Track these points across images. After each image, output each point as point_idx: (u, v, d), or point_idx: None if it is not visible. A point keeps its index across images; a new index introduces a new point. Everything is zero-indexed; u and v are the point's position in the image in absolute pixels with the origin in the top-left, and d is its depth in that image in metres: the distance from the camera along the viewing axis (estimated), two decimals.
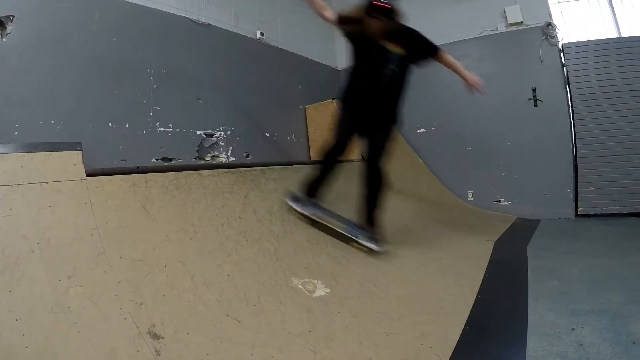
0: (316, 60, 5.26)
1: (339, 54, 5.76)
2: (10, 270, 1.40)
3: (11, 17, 2.42)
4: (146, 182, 2.10)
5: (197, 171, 2.46)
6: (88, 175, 1.87)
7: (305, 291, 1.91)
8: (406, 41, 2.38)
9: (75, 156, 1.89)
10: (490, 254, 2.90)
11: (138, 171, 2.15)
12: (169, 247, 1.82)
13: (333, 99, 4.55)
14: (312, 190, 2.60)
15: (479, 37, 4.78)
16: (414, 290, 2.14)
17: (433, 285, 2.22)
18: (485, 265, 2.63)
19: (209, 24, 3.68)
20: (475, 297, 2.09)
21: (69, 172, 1.82)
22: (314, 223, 2.60)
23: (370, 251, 2.43)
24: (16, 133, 2.38)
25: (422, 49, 2.47)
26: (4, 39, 2.39)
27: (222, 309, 1.60)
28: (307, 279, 2.01)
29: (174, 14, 3.40)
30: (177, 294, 1.61)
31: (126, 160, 2.90)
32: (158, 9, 3.27)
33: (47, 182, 1.73)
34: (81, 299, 1.44)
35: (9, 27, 2.41)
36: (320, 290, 1.95)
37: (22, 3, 2.48)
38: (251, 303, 1.70)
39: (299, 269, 2.08)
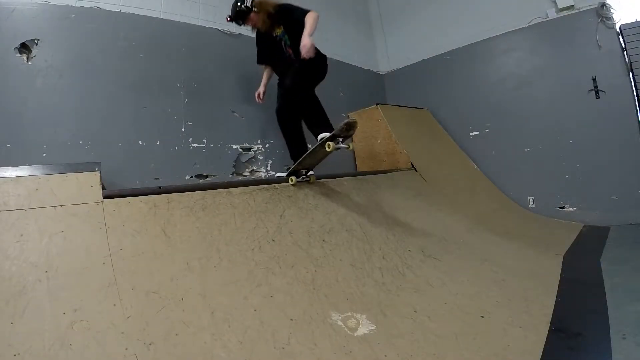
0: (357, 65, 5.05)
1: (380, 58, 5.54)
2: (14, 300, 1.28)
3: (36, 41, 2.46)
4: (169, 202, 1.92)
5: (226, 189, 2.25)
6: (105, 197, 1.73)
7: (346, 328, 1.61)
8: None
9: (93, 177, 1.76)
10: (560, 271, 2.50)
11: (160, 191, 1.97)
12: (188, 277, 1.61)
13: (377, 104, 4.31)
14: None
15: (528, 26, 4.36)
16: (474, 322, 1.79)
17: (497, 316, 1.86)
18: (556, 286, 2.24)
19: (239, 34, 3.55)
20: (548, 329, 1.73)
21: (84, 195, 1.68)
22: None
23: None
24: (44, 155, 2.35)
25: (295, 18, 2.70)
26: (30, 63, 2.41)
27: (244, 352, 1.35)
28: (349, 313, 1.71)
29: (204, 26, 3.33)
30: (192, 333, 1.38)
31: (158, 178, 2.80)
32: (186, 22, 3.21)
33: (61, 206, 1.60)
34: (85, 335, 1.27)
35: (34, 51, 2.45)
36: (364, 328, 1.64)
37: (46, 25, 2.50)
38: (279, 345, 1.43)
39: (340, 301, 1.79)
